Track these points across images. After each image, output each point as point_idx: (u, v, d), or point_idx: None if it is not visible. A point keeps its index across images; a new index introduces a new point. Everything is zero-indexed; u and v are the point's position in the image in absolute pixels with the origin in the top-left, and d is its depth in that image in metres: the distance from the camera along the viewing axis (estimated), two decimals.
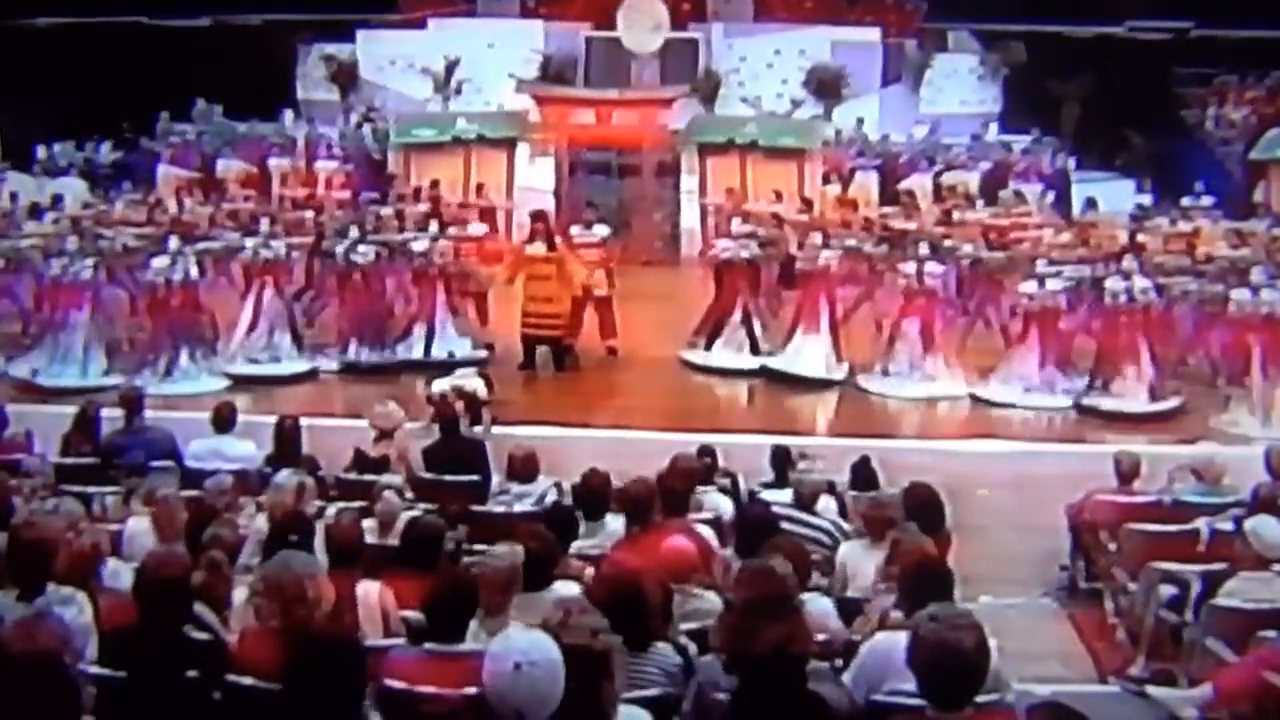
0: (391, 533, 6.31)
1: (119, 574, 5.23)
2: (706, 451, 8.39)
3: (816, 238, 13.38)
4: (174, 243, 12.64)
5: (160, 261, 12.38)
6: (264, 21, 21.52)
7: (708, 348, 13.29)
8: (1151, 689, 5.88)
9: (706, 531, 6.47)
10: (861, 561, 5.99)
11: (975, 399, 12.21)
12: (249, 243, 13.14)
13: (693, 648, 4.49)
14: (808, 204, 17.09)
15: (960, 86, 21.67)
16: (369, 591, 5.18)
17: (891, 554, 5.50)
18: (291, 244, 13.46)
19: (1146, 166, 20.16)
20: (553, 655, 3.25)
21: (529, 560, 4.93)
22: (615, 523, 6.42)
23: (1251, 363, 11.54)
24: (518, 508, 7.30)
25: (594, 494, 6.59)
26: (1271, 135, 19.50)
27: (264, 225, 13.45)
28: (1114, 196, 18.14)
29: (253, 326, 12.68)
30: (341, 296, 13.22)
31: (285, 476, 6.69)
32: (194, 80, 20.11)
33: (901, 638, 3.71)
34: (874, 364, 12.67)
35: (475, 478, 7.95)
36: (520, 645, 3.27)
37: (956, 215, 15.83)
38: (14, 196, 16.75)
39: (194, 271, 12.46)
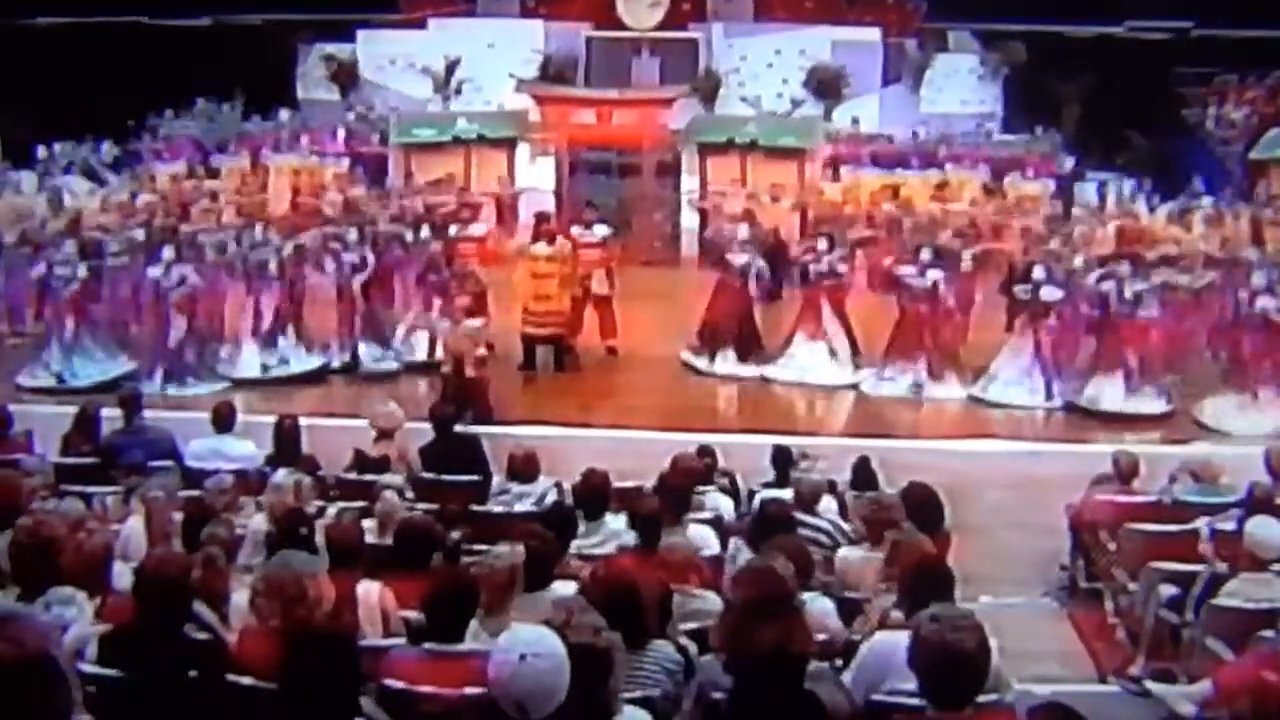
0: (391, 532, 6.31)
1: (121, 574, 5.22)
2: (706, 451, 8.40)
3: (822, 242, 13.35)
4: (173, 243, 12.63)
5: (160, 262, 12.37)
6: (264, 21, 21.53)
7: (711, 359, 13.21)
8: (1151, 684, 5.88)
9: (706, 532, 6.48)
10: (861, 568, 5.93)
11: (975, 399, 12.22)
12: (247, 242, 13.12)
13: (693, 648, 4.49)
14: (781, 188, 17.25)
15: (960, 86, 21.67)
16: (369, 591, 5.18)
17: (891, 554, 5.48)
18: (291, 243, 13.44)
19: (1147, 166, 20.13)
20: (558, 650, 3.30)
21: (529, 560, 4.93)
22: (615, 522, 6.42)
23: (1247, 362, 11.56)
24: (518, 508, 7.30)
25: (594, 493, 6.59)
26: (1271, 135, 19.49)
27: (262, 225, 13.43)
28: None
29: (255, 330, 12.66)
30: (341, 296, 13.21)
31: (283, 476, 6.71)
32: (194, 80, 20.10)
33: (901, 638, 3.71)
34: (875, 365, 12.66)
35: (476, 478, 7.96)
36: (527, 638, 3.33)
37: (935, 206, 15.84)
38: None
39: (193, 272, 12.45)
